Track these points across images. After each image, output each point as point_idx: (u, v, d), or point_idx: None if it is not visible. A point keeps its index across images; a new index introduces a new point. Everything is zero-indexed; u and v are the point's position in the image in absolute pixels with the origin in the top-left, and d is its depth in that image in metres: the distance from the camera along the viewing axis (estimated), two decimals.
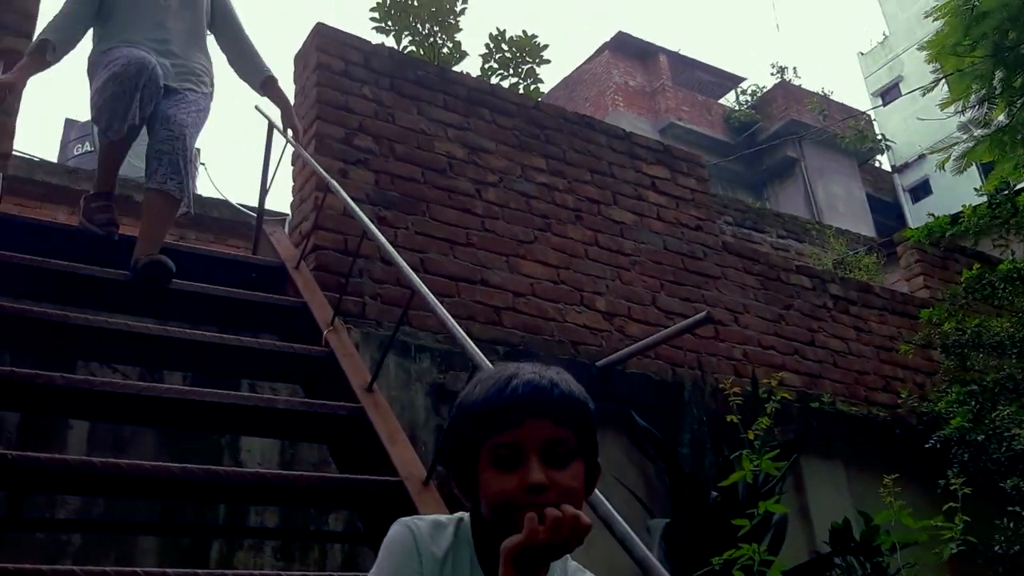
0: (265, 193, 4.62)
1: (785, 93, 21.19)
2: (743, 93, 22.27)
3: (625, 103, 19.94)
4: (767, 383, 4.68)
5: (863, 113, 21.82)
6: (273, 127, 4.35)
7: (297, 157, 4.58)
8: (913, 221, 18.96)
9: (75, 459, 2.51)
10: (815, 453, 5.30)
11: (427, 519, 1.33)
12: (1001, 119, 6.57)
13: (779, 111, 20.76)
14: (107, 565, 2.84)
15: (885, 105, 23.09)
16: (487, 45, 9.24)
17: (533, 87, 9.34)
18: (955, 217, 6.42)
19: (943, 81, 6.74)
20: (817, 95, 21.35)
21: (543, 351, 4.61)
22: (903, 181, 22.91)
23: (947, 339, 5.78)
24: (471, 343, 2.47)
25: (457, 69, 8.22)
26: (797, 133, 19.95)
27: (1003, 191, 6.51)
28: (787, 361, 5.66)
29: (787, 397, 4.50)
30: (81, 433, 3.39)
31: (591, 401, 1.31)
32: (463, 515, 1.34)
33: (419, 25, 8.91)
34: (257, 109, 4.49)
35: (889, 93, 23.90)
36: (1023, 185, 6.97)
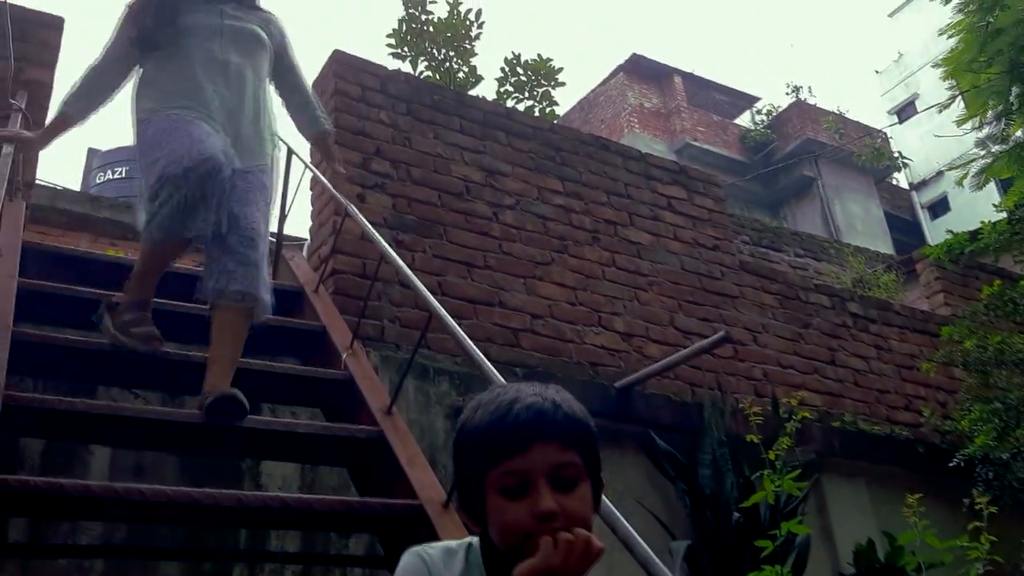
0: (284, 218, 4.65)
1: (800, 112, 21.17)
2: (758, 113, 22.27)
3: (640, 124, 19.98)
4: (787, 403, 4.65)
5: (879, 131, 21.76)
6: (292, 153, 4.38)
7: (315, 182, 4.62)
8: (932, 238, 18.86)
9: (97, 485, 2.52)
10: (837, 473, 5.26)
11: (438, 546, 1.33)
12: (1019, 135, 6.53)
13: (795, 130, 20.74)
14: None
15: (901, 123, 23.04)
16: (502, 69, 9.30)
17: (549, 110, 9.39)
18: (974, 234, 6.38)
19: (959, 98, 6.71)
20: (833, 114, 21.32)
21: (561, 373, 4.60)
22: (921, 198, 22.82)
23: (969, 356, 5.73)
24: (489, 365, 2.47)
25: (473, 93, 8.27)
26: (813, 152, 19.90)
27: (1022, 207, 6.47)
28: (807, 380, 5.62)
29: (808, 417, 4.47)
30: (103, 459, 3.40)
31: (591, 418, 1.30)
32: (472, 540, 1.33)
33: (435, 50, 8.99)
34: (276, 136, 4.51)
35: (905, 111, 23.85)
36: None
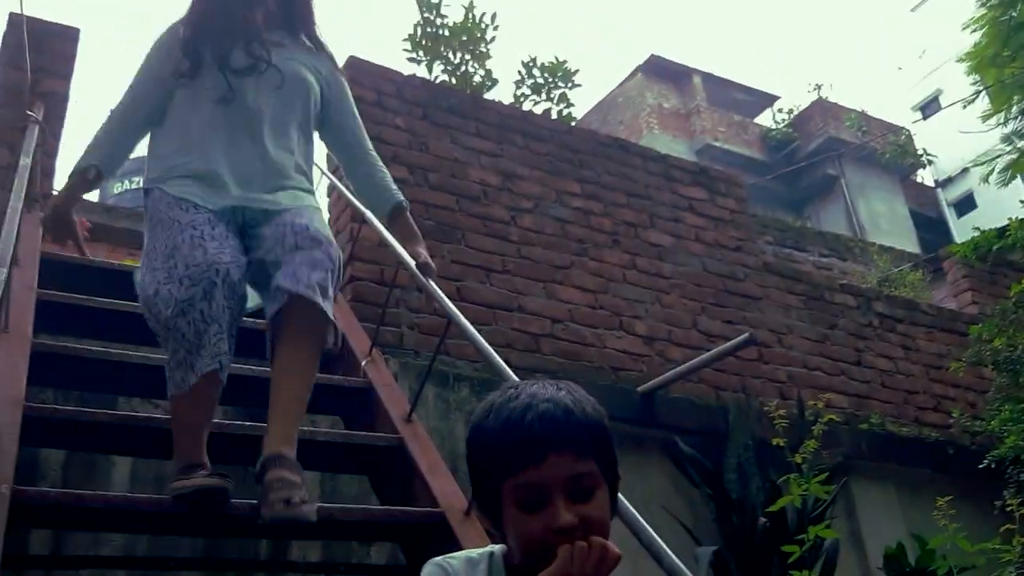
0: None
1: (822, 110, 21.02)
2: (779, 111, 22.14)
3: (660, 125, 19.92)
4: (813, 405, 4.59)
5: (903, 128, 21.57)
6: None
7: (331, 189, 4.61)
8: (958, 236, 18.65)
9: (117, 496, 2.52)
10: (865, 476, 5.19)
11: (459, 556, 1.30)
12: None
13: (817, 128, 20.61)
14: None
15: (925, 119, 22.82)
16: (519, 71, 9.28)
17: (566, 112, 9.35)
18: (1002, 230, 6.28)
19: (984, 93, 6.63)
20: (855, 111, 21.15)
21: (583, 378, 4.55)
22: (947, 195, 22.59)
23: (998, 356, 5.64)
24: (509, 371, 2.44)
25: (489, 96, 8.25)
26: (836, 150, 19.77)
27: None
28: (833, 382, 5.55)
29: (835, 419, 4.41)
30: (124, 469, 3.40)
31: (605, 416, 1.26)
32: (493, 549, 1.31)
33: (451, 54, 8.98)
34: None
35: (929, 107, 23.63)
36: None
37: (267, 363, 2.41)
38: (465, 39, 8.91)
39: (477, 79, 8.98)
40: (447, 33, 8.90)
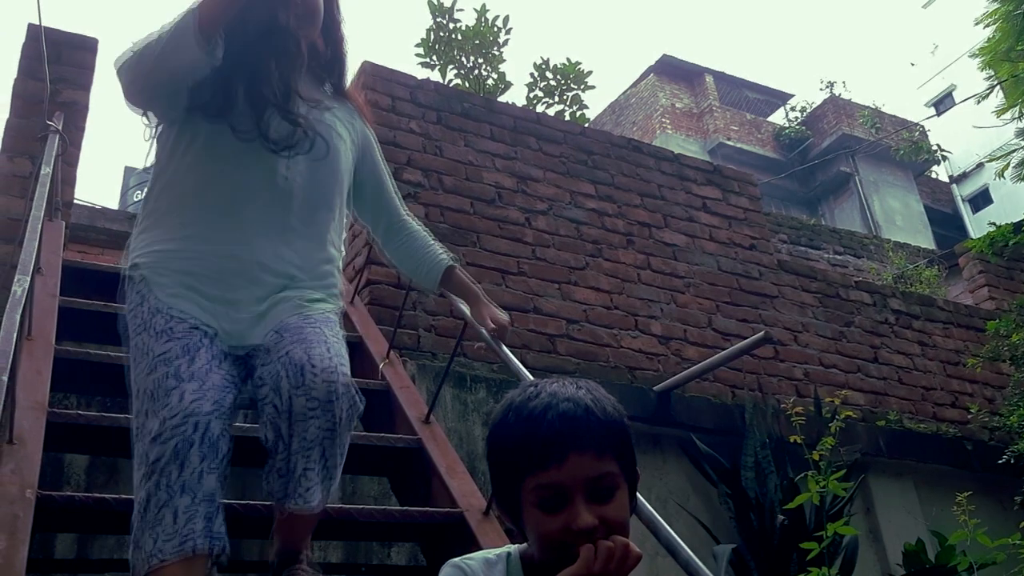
0: None
1: (835, 107, 20.91)
2: (792, 109, 22.03)
3: (673, 125, 19.86)
4: (830, 402, 4.58)
5: (917, 124, 21.45)
6: None
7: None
8: (974, 232, 18.54)
9: None
10: (884, 472, 5.18)
11: (477, 557, 1.30)
12: None
13: (830, 126, 20.50)
14: None
15: (939, 115, 22.67)
16: (532, 74, 9.29)
17: (579, 113, 9.35)
18: (1018, 225, 6.26)
19: (997, 88, 6.61)
20: (868, 108, 21.03)
21: (599, 377, 4.57)
22: (962, 191, 22.43)
23: (1016, 351, 5.62)
24: (526, 372, 2.46)
25: (502, 99, 8.27)
26: (850, 147, 19.66)
27: None
28: (850, 379, 5.54)
29: (852, 416, 4.40)
30: None
31: (625, 415, 1.26)
32: (511, 549, 1.32)
33: (463, 58, 9.01)
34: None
35: (943, 103, 23.47)
36: None
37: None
38: (478, 43, 8.94)
39: (490, 82, 9.01)
40: (460, 37, 8.93)
